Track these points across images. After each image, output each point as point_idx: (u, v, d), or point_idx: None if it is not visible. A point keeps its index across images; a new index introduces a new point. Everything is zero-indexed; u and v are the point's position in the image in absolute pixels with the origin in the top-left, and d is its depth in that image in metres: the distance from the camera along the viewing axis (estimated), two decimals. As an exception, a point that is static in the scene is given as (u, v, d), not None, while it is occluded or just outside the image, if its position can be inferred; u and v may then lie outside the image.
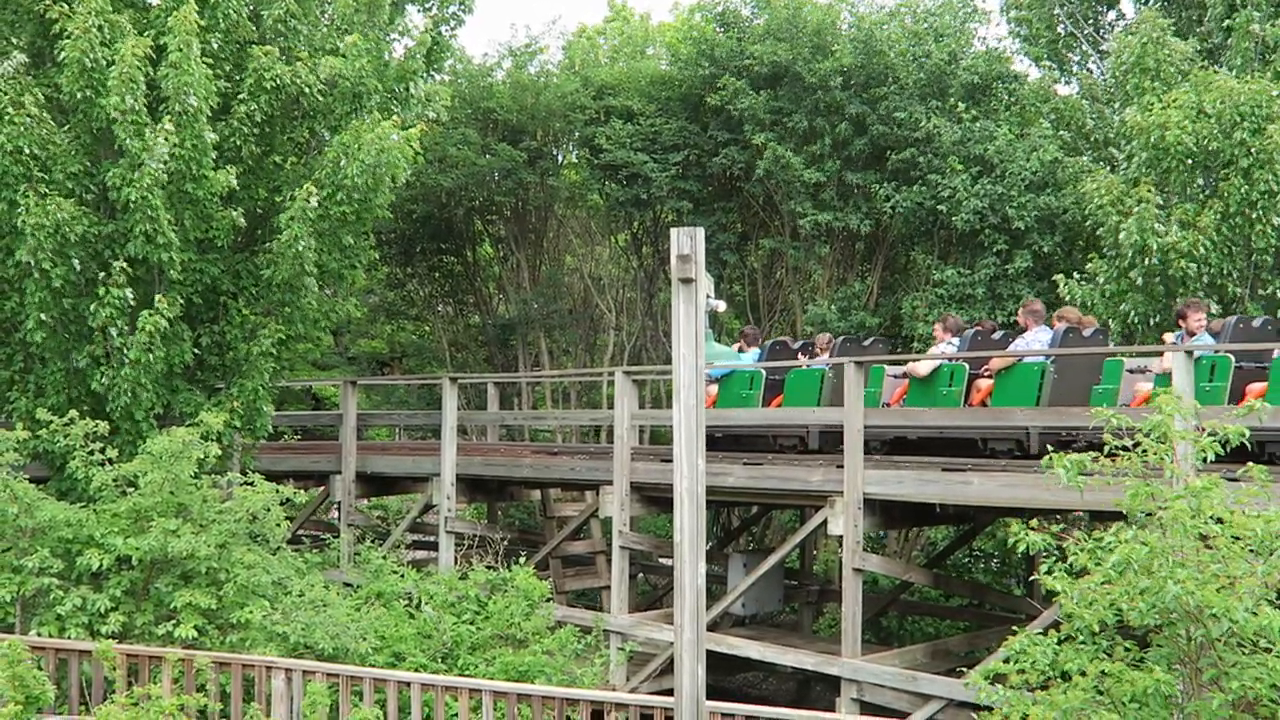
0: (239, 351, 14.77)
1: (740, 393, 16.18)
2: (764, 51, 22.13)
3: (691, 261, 6.65)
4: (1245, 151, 14.84)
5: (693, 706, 6.60)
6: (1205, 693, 6.30)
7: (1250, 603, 6.12)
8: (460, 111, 23.84)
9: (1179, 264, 14.92)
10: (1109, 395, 12.56)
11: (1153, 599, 6.20)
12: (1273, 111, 14.85)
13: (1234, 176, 15.01)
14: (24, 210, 13.16)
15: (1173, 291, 15.21)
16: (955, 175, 20.65)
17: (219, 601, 11.47)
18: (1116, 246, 15.73)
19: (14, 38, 14.54)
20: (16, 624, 11.19)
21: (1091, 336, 13.52)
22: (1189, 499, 6.44)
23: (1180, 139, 15.05)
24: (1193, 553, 6.32)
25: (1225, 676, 6.12)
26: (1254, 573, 6.25)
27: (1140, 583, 6.27)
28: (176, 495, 11.92)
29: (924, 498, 12.49)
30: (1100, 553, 6.54)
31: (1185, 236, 14.93)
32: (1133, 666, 6.46)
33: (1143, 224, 15.10)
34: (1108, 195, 16.13)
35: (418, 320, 31.23)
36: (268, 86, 14.06)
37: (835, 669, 13.07)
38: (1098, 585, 6.46)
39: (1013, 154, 20.47)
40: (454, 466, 17.56)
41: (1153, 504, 6.58)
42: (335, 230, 14.85)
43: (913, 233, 22.39)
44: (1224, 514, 6.37)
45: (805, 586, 18.56)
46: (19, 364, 14.56)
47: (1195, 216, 14.99)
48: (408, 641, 12.96)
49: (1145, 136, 15.47)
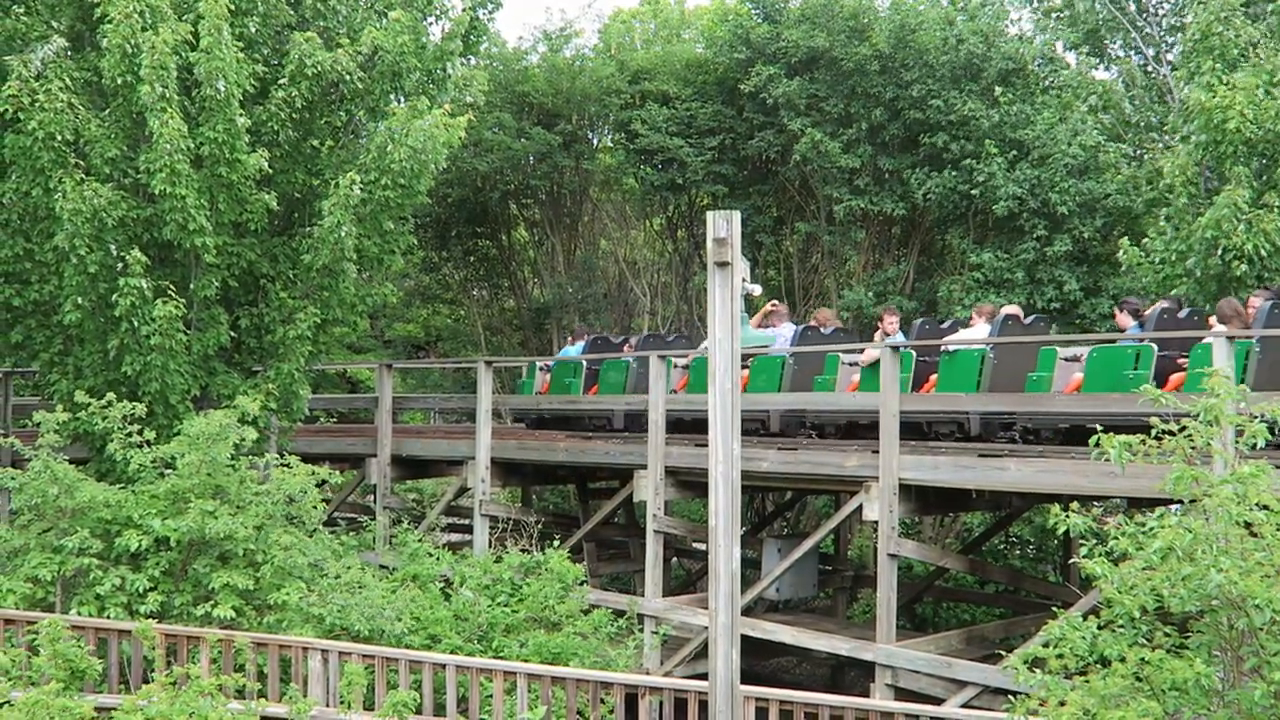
0: (276, 335, 14.84)
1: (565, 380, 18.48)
2: (800, 36, 22.01)
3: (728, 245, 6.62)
4: None
5: (727, 691, 6.58)
6: (1246, 682, 6.23)
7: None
8: (495, 95, 23.82)
9: (1237, 265, 14.55)
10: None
11: (1194, 586, 6.12)
12: None
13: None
14: (60, 196, 13.26)
15: (1225, 287, 14.90)
16: (991, 160, 20.46)
17: (256, 583, 11.56)
18: (1180, 229, 15.41)
19: (54, 21, 14.61)
20: (57, 604, 11.29)
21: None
22: (1235, 485, 6.36)
23: (1241, 125, 14.66)
24: (1237, 540, 6.24)
25: (1267, 666, 6.04)
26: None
27: (1182, 569, 6.19)
28: (214, 477, 12.02)
29: (960, 483, 12.42)
30: (1142, 538, 6.47)
31: (1249, 238, 14.52)
32: (1173, 654, 6.39)
33: (1222, 220, 14.57)
34: (1181, 176, 15.88)
35: (453, 304, 31.32)
36: (309, 73, 14.09)
37: (870, 655, 13.05)
38: (1139, 571, 6.39)
39: (1054, 139, 20.28)
40: (489, 450, 17.61)
41: (1197, 489, 6.50)
42: (376, 216, 14.91)
43: (947, 217, 22.25)
44: (1270, 501, 6.28)
45: (840, 572, 18.56)
46: (58, 346, 14.68)
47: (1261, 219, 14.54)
48: (443, 623, 13.00)
49: (1206, 117, 15.09)
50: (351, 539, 15.67)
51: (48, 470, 11.75)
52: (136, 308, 13.38)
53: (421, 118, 14.40)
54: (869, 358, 14.71)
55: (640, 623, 15.10)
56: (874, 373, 14.18)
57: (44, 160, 13.49)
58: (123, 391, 13.17)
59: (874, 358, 14.32)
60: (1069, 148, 20.17)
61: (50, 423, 12.18)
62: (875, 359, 14.19)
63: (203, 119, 13.42)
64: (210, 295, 14.22)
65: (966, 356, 13.88)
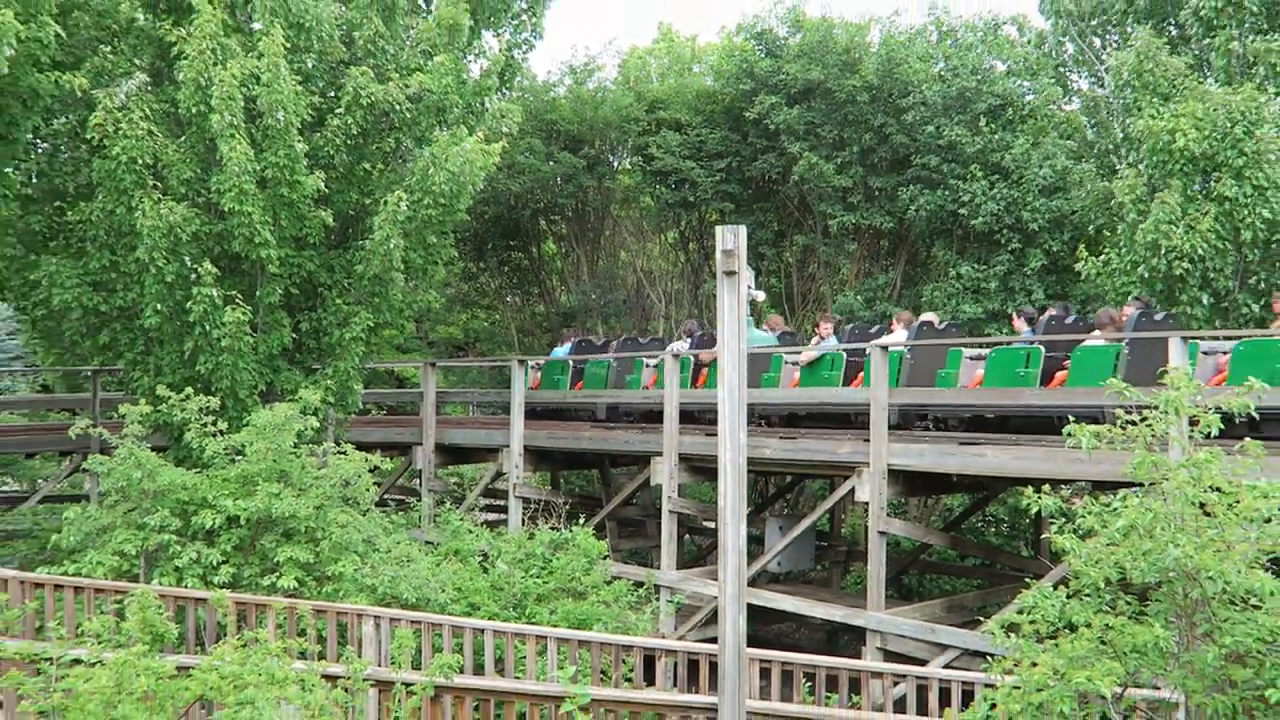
0: (333, 337, 14.90)
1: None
2: (798, 70, 22.01)
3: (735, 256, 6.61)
4: (1239, 153, 14.62)
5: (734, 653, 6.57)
6: (1199, 645, 6.20)
7: (1243, 566, 6.03)
8: (527, 123, 23.81)
9: (1179, 264, 14.77)
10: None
11: (1154, 560, 6.10)
12: (1260, 116, 14.64)
13: (1226, 177, 14.80)
14: (141, 214, 13.32)
15: (1172, 287, 15.05)
16: (975, 181, 20.51)
17: (316, 556, 11.58)
18: (1131, 242, 15.55)
19: (137, 58, 14.68)
20: (141, 575, 11.34)
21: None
22: (1190, 470, 6.34)
23: (1187, 145, 14.84)
24: (1192, 519, 6.22)
25: (1218, 631, 6.01)
26: (1247, 539, 6.15)
27: (1143, 545, 6.17)
28: (279, 463, 12.03)
29: (943, 468, 12.42)
30: (1107, 517, 6.46)
31: (1187, 239, 14.73)
32: (1134, 620, 6.37)
33: (1159, 225, 14.92)
34: (1130, 194, 15.98)
35: (489, 309, 31.35)
36: (362, 103, 14.13)
37: (861, 621, 13.05)
38: (1104, 546, 6.37)
39: (1028, 162, 20.32)
40: (522, 438, 17.65)
41: (1156, 474, 6.48)
42: (421, 231, 14.95)
43: (933, 231, 22.21)
44: (1222, 484, 6.27)
45: (834, 547, 18.55)
46: (140, 347, 14.76)
47: (1197, 221, 14.76)
48: (482, 593, 13.01)
49: (1154, 141, 15.25)
50: (400, 518, 15.71)
51: (132, 457, 11.77)
52: (208, 314, 13.44)
53: (460, 144, 14.44)
54: (807, 358, 15.33)
55: (657, 592, 15.12)
56: (811, 371, 15.31)
57: (126, 182, 13.57)
58: (198, 387, 13.21)
59: (811, 358, 15.12)
60: (1040, 170, 20.19)
61: (134, 415, 12.21)
62: (811, 359, 15.10)
63: (266, 145, 13.49)
64: (274, 301, 14.28)
65: (890, 357, 13.91)
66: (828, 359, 15.26)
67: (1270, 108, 14.77)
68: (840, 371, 15.00)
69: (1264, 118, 14.63)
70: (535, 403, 19.68)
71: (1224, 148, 14.73)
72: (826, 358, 15.28)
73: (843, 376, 14.91)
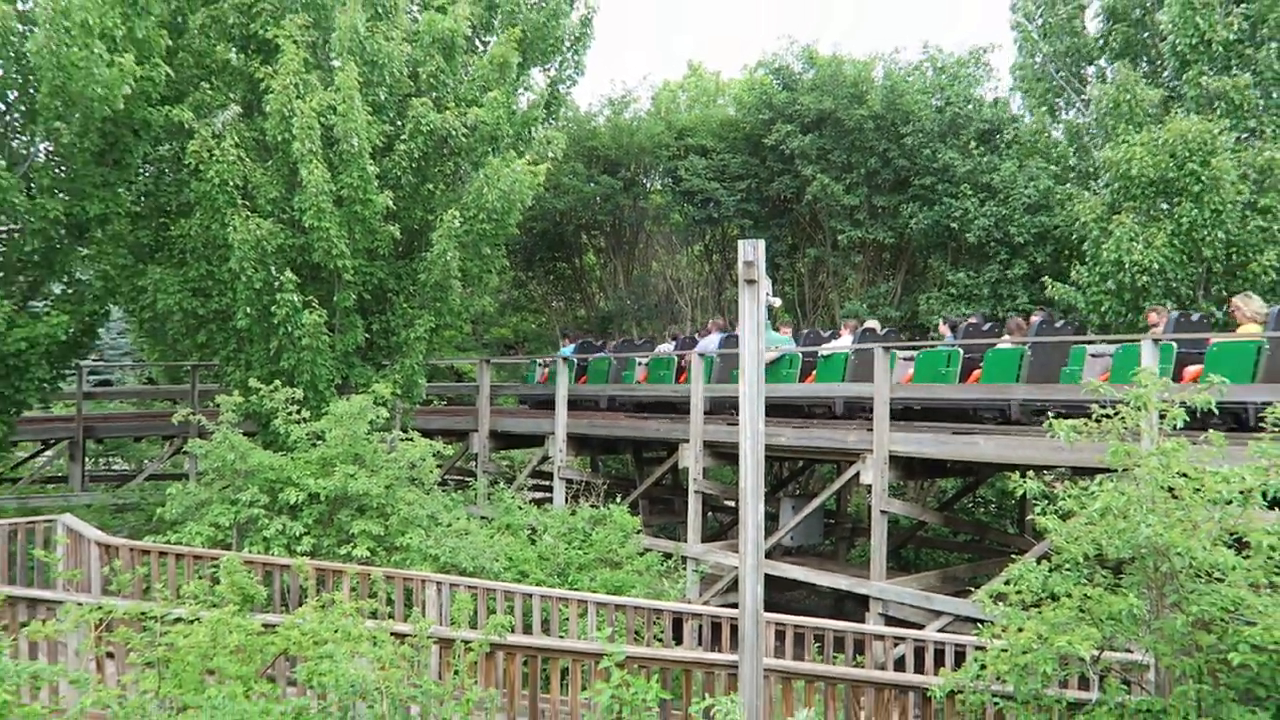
0: (400, 336, 14.98)
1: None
2: (811, 101, 21.92)
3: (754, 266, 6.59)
4: (1196, 179, 14.45)
5: (753, 617, 6.57)
6: (1168, 613, 6.15)
7: (1208, 543, 5.97)
8: (570, 149, 23.88)
9: (1140, 277, 14.66)
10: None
11: (1127, 538, 6.05)
12: (1216, 146, 14.45)
13: (1185, 201, 14.63)
14: (232, 229, 13.45)
15: (1138, 298, 14.93)
16: (966, 199, 20.43)
17: (386, 529, 11.66)
18: (1097, 258, 15.44)
19: (231, 93, 14.84)
20: (233, 544, 11.44)
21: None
22: (1160, 457, 6.29)
23: (1144, 171, 14.71)
24: (1161, 501, 6.16)
25: (1186, 601, 5.96)
26: (1212, 519, 6.09)
27: (1118, 524, 6.12)
28: (354, 447, 12.12)
29: (939, 455, 12.36)
30: (1085, 499, 6.42)
31: (1147, 254, 14.61)
32: (1110, 591, 6.32)
33: (1120, 244, 14.81)
34: (1092, 215, 15.87)
35: (536, 312, 31.39)
36: (424, 131, 14.21)
37: (865, 589, 13.01)
38: (1082, 525, 6.33)
39: (1014, 182, 20.21)
40: (565, 427, 17.69)
41: (1129, 461, 6.43)
42: (476, 243, 15.01)
43: (930, 244, 22.08)
44: (1188, 470, 6.21)
45: (841, 524, 18.48)
46: (233, 345, 14.90)
47: (1155, 238, 14.65)
48: (530, 562, 13.07)
49: (1116, 169, 15.14)
50: (459, 496, 15.78)
51: (227, 441, 11.91)
52: (289, 316, 13.55)
53: (510, 166, 14.48)
54: (769, 357, 15.48)
55: (684, 563, 15.12)
56: (773, 369, 15.57)
57: (220, 201, 13.70)
58: (283, 380, 13.32)
59: (772, 358, 15.55)
60: (1026, 189, 20.05)
61: (228, 404, 12.34)
62: (772, 359, 15.55)
63: (342, 168, 13.58)
64: (349, 305, 14.38)
65: (837, 358, 14.84)
66: (787, 359, 15.89)
67: (1223, 139, 14.58)
68: (796, 370, 15.70)
69: (1217, 148, 14.45)
70: (538, 394, 19.87)
71: (1182, 175, 14.57)
72: (785, 358, 15.87)
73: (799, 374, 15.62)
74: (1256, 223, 14.74)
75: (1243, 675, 5.72)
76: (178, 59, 14.26)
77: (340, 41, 13.72)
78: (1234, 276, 15.06)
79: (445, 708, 7.00)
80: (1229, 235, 14.62)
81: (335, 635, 6.84)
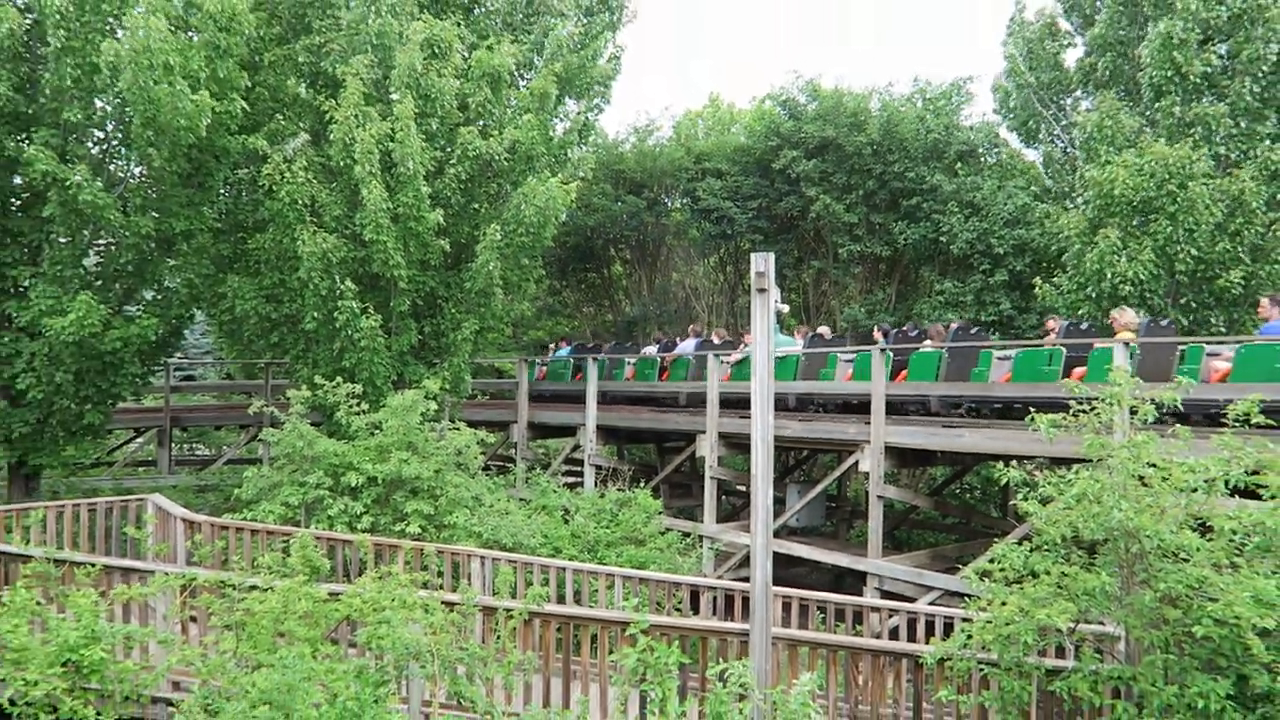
0: (449, 338, 15.02)
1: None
2: (815, 129, 21.83)
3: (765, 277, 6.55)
4: (1172, 200, 14.27)
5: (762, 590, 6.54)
6: (1137, 590, 6.07)
7: (1174, 527, 5.90)
8: (599, 171, 23.97)
9: (1122, 286, 14.49)
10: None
11: (1101, 521, 5.99)
12: (1192, 171, 14.26)
13: (1162, 219, 14.45)
14: (301, 243, 13.52)
15: (1115, 303, 14.75)
16: (951, 215, 20.31)
17: (435, 509, 11.72)
18: (1080, 268, 15.28)
19: (301, 122, 14.93)
20: (301, 521, 11.53)
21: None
22: (1130, 449, 6.21)
23: (1125, 191, 14.54)
24: (1132, 489, 6.09)
25: (1154, 579, 5.89)
26: (1178, 505, 6.01)
27: (1092, 509, 6.05)
28: (408, 436, 12.19)
29: (929, 445, 12.26)
30: (1063, 486, 6.35)
31: (1131, 266, 14.42)
32: (1085, 569, 6.26)
33: (1103, 256, 14.64)
34: (1075, 229, 15.70)
35: (569, 317, 31.40)
36: (470, 155, 14.24)
37: (863, 566, 12.93)
38: (1060, 510, 6.27)
39: (994, 199, 20.07)
40: (595, 419, 17.68)
41: (1103, 452, 6.36)
42: (515, 255, 15.02)
43: (920, 256, 21.96)
44: (1156, 460, 6.13)
45: (841, 508, 18.37)
46: (301, 346, 15.00)
47: (1138, 252, 14.47)
48: (564, 540, 13.09)
49: (1100, 187, 14.96)
50: (500, 480, 15.85)
51: (296, 430, 12.01)
52: (349, 321, 13.62)
53: (545, 184, 14.49)
54: (734, 359, 16.04)
55: (700, 541, 15.08)
56: (741, 368, 15.74)
57: (290, 218, 13.80)
58: (345, 377, 13.42)
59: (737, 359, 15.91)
60: (1005, 205, 19.93)
61: (297, 398, 12.45)
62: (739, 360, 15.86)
63: (398, 188, 13.63)
64: (404, 311, 14.44)
65: (789, 360, 15.00)
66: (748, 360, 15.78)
67: (1200, 164, 14.39)
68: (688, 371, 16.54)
69: (1194, 173, 14.27)
70: (543, 389, 20.20)
71: (1160, 195, 14.39)
72: (747, 359, 15.77)
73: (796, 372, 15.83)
74: (1224, 245, 14.54)
75: (1205, 647, 5.65)
76: (254, 93, 14.36)
77: (399, 77, 13.78)
78: (1201, 289, 14.88)
79: (489, 668, 7.02)
80: (1200, 252, 14.44)
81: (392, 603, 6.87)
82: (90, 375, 13.45)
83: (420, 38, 13.93)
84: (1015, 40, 19.84)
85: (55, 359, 12.91)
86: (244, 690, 5.94)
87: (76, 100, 12.49)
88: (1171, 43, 15.35)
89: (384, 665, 6.71)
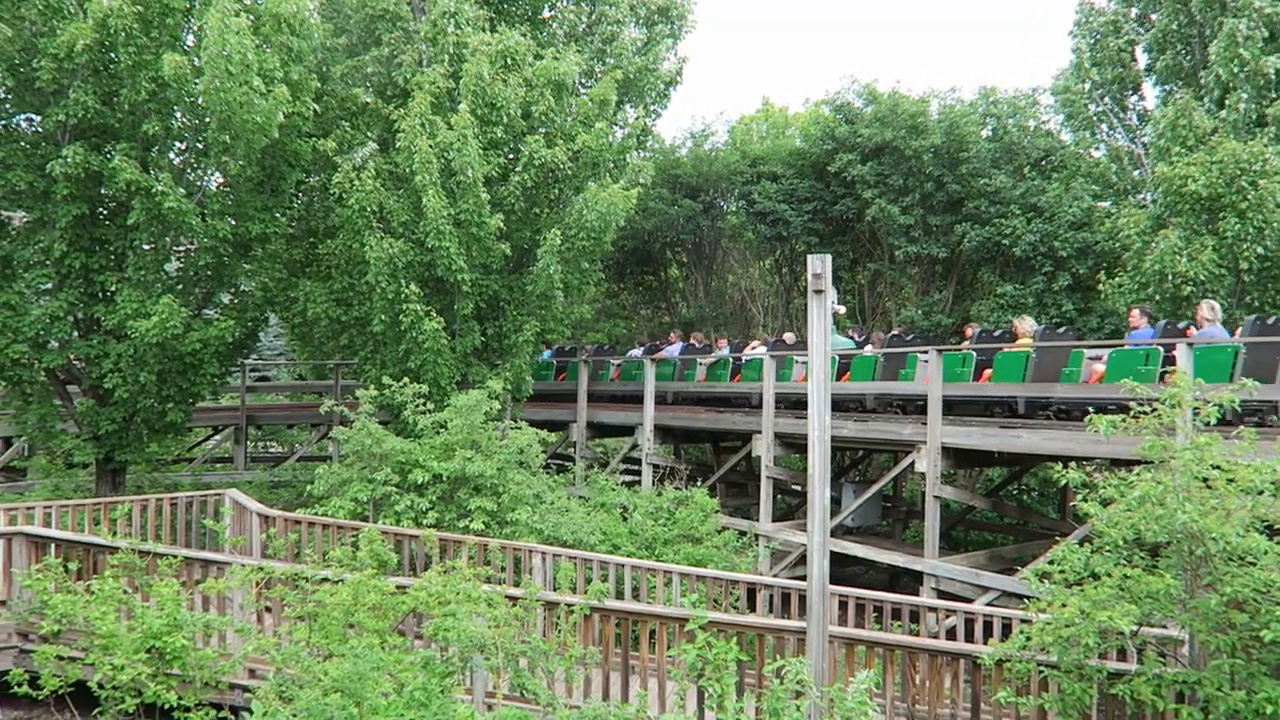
0: (510, 340, 15.14)
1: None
2: (871, 133, 21.57)
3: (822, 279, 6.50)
4: (1243, 197, 13.80)
5: (819, 589, 6.48)
6: (1202, 593, 5.90)
7: (1241, 529, 5.72)
8: (656, 177, 23.92)
9: (1184, 287, 14.06)
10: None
11: (1164, 523, 5.82)
12: (1265, 168, 13.78)
13: (1230, 217, 13.99)
14: (369, 248, 13.73)
15: (1178, 306, 14.33)
16: (1015, 218, 19.99)
17: (498, 506, 11.79)
18: (1139, 269, 14.88)
19: (369, 132, 15.18)
20: (370, 517, 11.71)
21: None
22: (1194, 451, 6.03)
23: (1196, 189, 14.10)
24: (1197, 491, 5.92)
25: (1220, 582, 5.71)
26: (1244, 507, 5.82)
27: (1155, 511, 5.89)
28: (471, 435, 12.28)
29: (986, 446, 12.03)
30: (1124, 488, 6.19)
31: (1192, 267, 13.99)
32: (1148, 571, 6.09)
33: (1164, 257, 14.22)
34: (1135, 228, 15.31)
35: (627, 319, 31.45)
36: (536, 164, 14.33)
37: (919, 566, 12.75)
38: (1122, 512, 6.11)
39: (1060, 202, 19.68)
40: (653, 419, 17.67)
41: (1165, 453, 6.18)
42: (576, 259, 15.08)
43: (980, 259, 21.57)
44: (1221, 462, 5.95)
45: (897, 507, 18.13)
46: (370, 347, 15.23)
47: (1199, 252, 14.02)
48: (622, 537, 13.10)
49: (1169, 184, 14.53)
50: (560, 478, 15.92)
51: (365, 428, 12.16)
52: (414, 323, 13.79)
53: (606, 190, 14.53)
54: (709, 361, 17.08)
55: (756, 540, 15.00)
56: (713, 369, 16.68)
57: (359, 224, 14.02)
58: (411, 377, 13.57)
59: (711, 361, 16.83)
60: (1070, 208, 19.50)
61: (366, 397, 12.62)
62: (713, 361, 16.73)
63: (460, 195, 13.77)
64: (467, 313, 14.59)
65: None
66: (724, 361, 17.28)
67: (1274, 161, 13.88)
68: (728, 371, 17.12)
69: (1267, 170, 13.78)
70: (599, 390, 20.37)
71: (1230, 193, 13.93)
72: (722, 360, 17.27)
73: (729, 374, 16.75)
74: None
75: (1274, 652, 5.48)
76: (323, 101, 14.63)
77: (466, 86, 13.92)
78: (1267, 288, 14.38)
79: (550, 661, 7.06)
80: (1266, 250, 13.96)
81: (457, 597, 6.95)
82: (172, 375, 13.82)
83: (495, 49, 14.04)
84: (1083, 32, 19.37)
85: (140, 360, 13.29)
86: (317, 679, 6.05)
87: (155, 113, 12.84)
88: (1237, 41, 14.89)
89: (449, 657, 6.79)
